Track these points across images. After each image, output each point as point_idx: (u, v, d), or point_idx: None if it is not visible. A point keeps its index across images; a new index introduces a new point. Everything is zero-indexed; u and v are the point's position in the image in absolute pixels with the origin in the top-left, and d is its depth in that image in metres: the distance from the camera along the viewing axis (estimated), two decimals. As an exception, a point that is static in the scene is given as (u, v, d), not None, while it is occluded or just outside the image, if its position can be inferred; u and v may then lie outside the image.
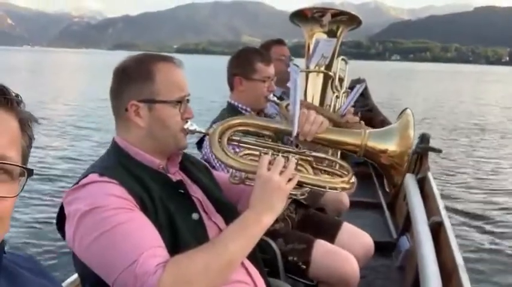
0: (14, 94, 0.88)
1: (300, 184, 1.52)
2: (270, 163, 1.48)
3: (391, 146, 1.56)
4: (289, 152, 1.56)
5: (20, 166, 0.85)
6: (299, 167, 1.55)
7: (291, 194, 1.50)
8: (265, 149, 1.55)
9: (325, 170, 1.62)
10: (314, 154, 1.59)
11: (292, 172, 1.48)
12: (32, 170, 0.87)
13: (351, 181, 1.59)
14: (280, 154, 1.53)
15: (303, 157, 1.57)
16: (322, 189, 1.55)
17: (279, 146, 1.58)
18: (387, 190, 1.71)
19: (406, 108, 1.65)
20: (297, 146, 1.64)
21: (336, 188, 1.56)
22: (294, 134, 1.58)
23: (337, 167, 1.63)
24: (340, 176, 1.59)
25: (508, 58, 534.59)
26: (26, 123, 0.90)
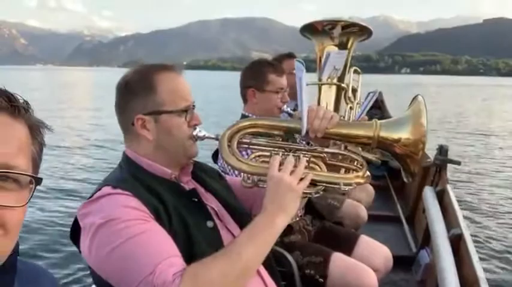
0: (21, 101, 0.86)
1: (313, 182, 1.49)
2: (281, 163, 1.46)
3: (405, 134, 1.53)
4: (301, 150, 1.54)
5: (25, 174, 0.82)
6: (311, 165, 1.53)
7: (305, 193, 1.48)
8: (276, 149, 1.54)
9: (339, 166, 1.59)
10: (326, 150, 1.57)
11: (304, 171, 1.46)
12: (41, 178, 0.85)
13: (366, 174, 1.56)
14: (291, 153, 1.51)
15: (315, 154, 1.55)
16: (336, 186, 1.52)
17: (290, 145, 1.56)
18: (405, 180, 1.65)
19: (417, 95, 1.61)
20: (308, 143, 1.61)
21: (350, 184, 1.53)
22: (304, 131, 1.56)
23: (350, 161, 1.60)
24: (356, 170, 1.57)
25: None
26: (36, 129, 0.88)
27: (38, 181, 0.84)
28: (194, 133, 1.55)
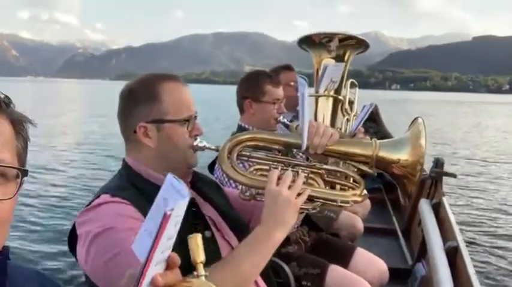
0: (2, 96, 0.86)
1: (310, 198, 1.50)
2: (279, 177, 1.46)
3: (403, 155, 1.55)
4: (299, 165, 1.55)
5: (11, 167, 0.82)
6: (310, 181, 1.54)
7: (302, 208, 1.49)
8: (275, 164, 1.55)
9: (336, 183, 1.61)
10: (325, 166, 1.58)
11: (302, 186, 1.47)
12: (27, 170, 0.85)
13: (363, 193, 1.58)
14: (289, 168, 1.52)
15: (314, 170, 1.56)
16: (334, 203, 1.53)
17: (289, 160, 1.57)
18: (401, 200, 1.69)
19: (417, 117, 1.63)
20: (307, 159, 1.62)
21: (347, 202, 1.54)
22: (304, 147, 1.56)
23: (348, 179, 1.61)
24: (352, 188, 1.58)
25: (508, 87, 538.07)
26: (19, 124, 0.88)
27: (25, 173, 0.85)
28: (195, 143, 1.55)
